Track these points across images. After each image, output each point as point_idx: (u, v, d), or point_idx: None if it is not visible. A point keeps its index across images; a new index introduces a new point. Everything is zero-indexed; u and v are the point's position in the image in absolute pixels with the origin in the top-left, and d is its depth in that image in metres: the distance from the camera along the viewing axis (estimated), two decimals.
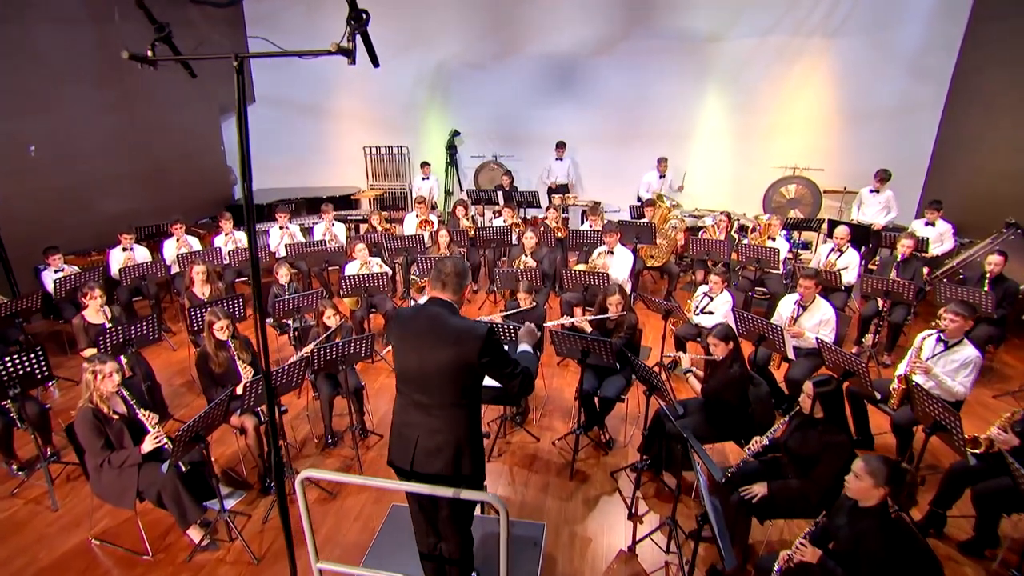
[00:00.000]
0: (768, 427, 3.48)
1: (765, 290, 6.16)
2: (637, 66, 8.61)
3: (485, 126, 9.36)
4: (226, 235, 6.81)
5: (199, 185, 8.68)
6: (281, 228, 7.00)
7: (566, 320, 4.41)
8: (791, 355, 4.17)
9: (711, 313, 4.97)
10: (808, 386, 2.91)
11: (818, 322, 4.46)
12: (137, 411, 3.13)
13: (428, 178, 9.00)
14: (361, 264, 5.75)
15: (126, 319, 4.68)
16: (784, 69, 8.27)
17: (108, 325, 4.38)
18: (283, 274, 5.52)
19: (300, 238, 7.08)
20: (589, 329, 4.23)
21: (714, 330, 3.57)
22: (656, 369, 5.01)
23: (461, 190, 9.66)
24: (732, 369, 3.53)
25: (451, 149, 9.53)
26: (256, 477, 3.87)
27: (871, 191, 7.15)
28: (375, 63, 1.80)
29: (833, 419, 2.89)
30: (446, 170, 9.58)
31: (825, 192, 8.17)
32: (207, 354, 3.77)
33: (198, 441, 3.08)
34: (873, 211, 7.17)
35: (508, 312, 4.66)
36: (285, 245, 6.67)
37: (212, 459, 3.23)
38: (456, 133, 9.50)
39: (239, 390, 3.67)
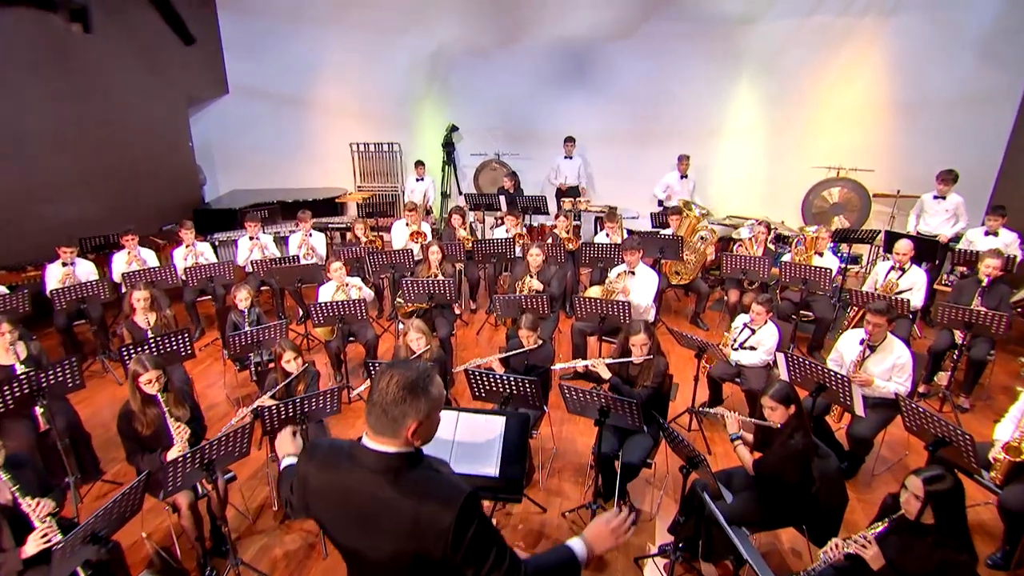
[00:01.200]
0: (837, 511, 2.89)
1: (811, 314, 5.67)
2: (658, 53, 8.27)
3: (487, 121, 9.06)
4: (187, 247, 6.26)
5: (164, 187, 8.18)
6: (251, 239, 6.49)
7: (578, 364, 3.80)
8: (860, 411, 3.55)
9: (753, 349, 4.48)
10: (916, 484, 2.41)
11: (890, 367, 3.88)
12: (20, 501, 2.50)
13: (422, 179, 8.67)
14: (338, 287, 5.21)
15: (47, 359, 4.07)
16: (828, 55, 7.81)
17: (18, 368, 3.77)
18: (243, 298, 4.97)
19: (273, 251, 6.62)
20: (607, 375, 3.70)
21: (770, 391, 2.94)
22: (688, 417, 4.46)
23: (459, 193, 9.38)
24: (793, 440, 2.93)
25: (448, 147, 9.17)
26: (195, 562, 3.28)
27: (935, 197, 6.57)
28: (186, 40, 1.15)
29: (950, 528, 2.35)
30: (443, 170, 9.24)
31: (875, 196, 7.71)
32: (131, 412, 3.18)
33: (100, 544, 2.46)
34: (938, 220, 6.60)
35: (508, 353, 4.07)
36: (253, 261, 6.09)
37: (146, 542, 2.72)
38: (454, 129, 9.17)
39: (170, 455, 3.08)
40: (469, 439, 2.76)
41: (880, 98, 7.74)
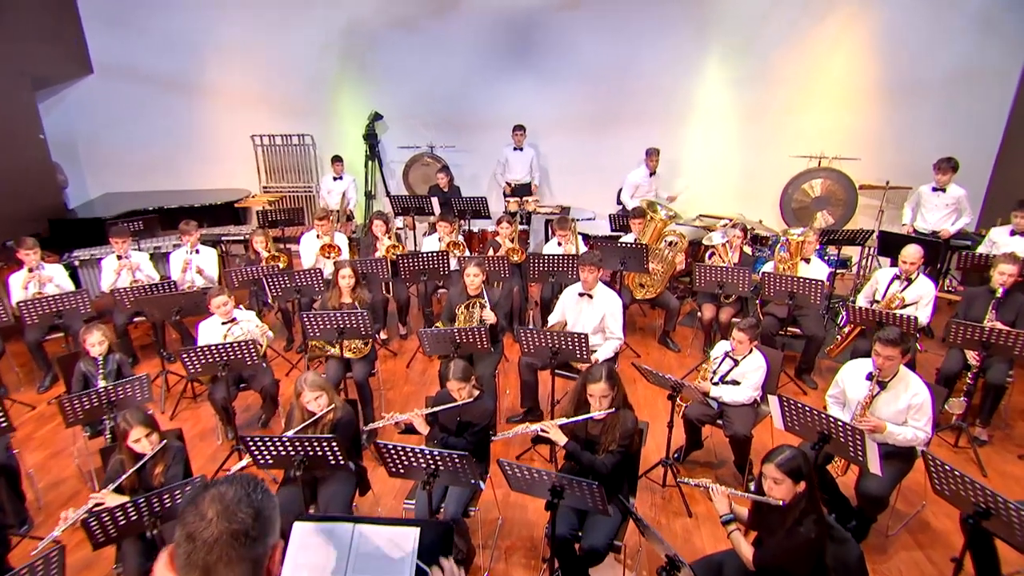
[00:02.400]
0: None
1: (799, 331, 5.43)
2: (617, 26, 8.04)
3: (416, 108, 8.73)
4: (30, 271, 5.49)
5: (9, 191, 7.21)
6: (120, 259, 5.80)
7: (526, 429, 3.30)
8: (876, 468, 3.15)
9: (736, 383, 4.15)
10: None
11: (905, 407, 3.53)
12: None
13: (341, 177, 8.23)
14: (224, 323, 4.67)
15: None
16: (809, 29, 7.66)
17: None
18: (95, 342, 4.28)
19: (149, 272, 5.95)
20: (562, 440, 3.26)
21: (777, 459, 2.57)
22: (663, 470, 4.17)
23: (387, 193, 8.94)
24: (803, 528, 2.50)
25: (371, 139, 8.77)
26: None
27: (933, 189, 6.42)
28: None
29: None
30: (366, 166, 8.88)
31: (861, 188, 7.59)
32: None
33: None
34: (937, 216, 6.43)
35: (435, 408, 3.54)
36: (118, 288, 5.37)
37: None
38: (377, 117, 8.78)
39: None
40: (371, 552, 2.20)
41: (866, 78, 7.66)
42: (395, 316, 6.52)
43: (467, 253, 6.33)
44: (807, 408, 3.38)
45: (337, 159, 8.18)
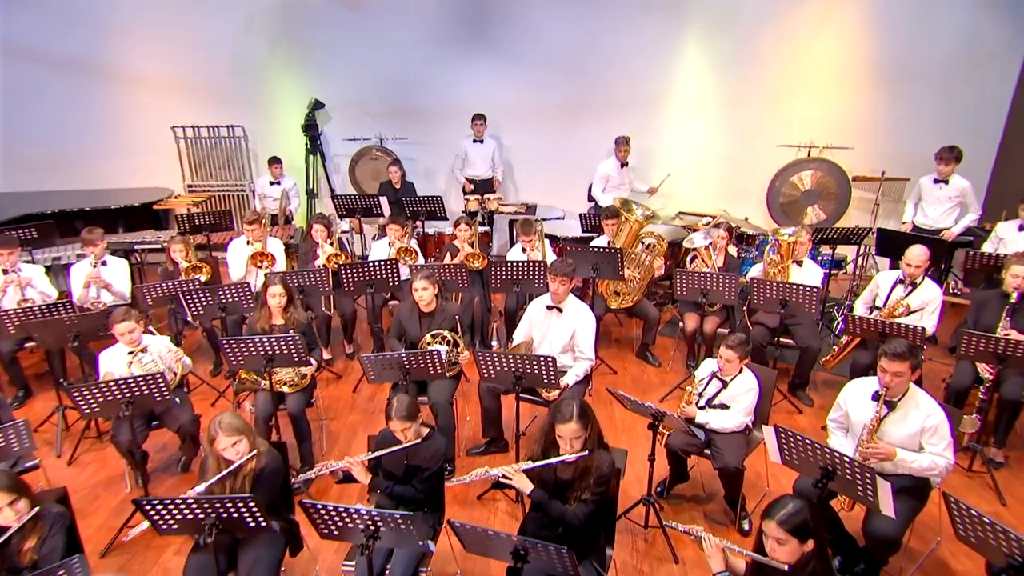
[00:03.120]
0: None
1: (791, 342, 5.36)
2: (585, 5, 7.95)
3: (362, 95, 8.60)
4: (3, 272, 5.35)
5: None
6: (6, 273, 5.42)
7: (486, 474, 3.08)
8: (889, 510, 2.98)
9: (725, 407, 4.00)
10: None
11: (918, 430, 3.37)
12: None
13: (279, 182, 7.99)
14: (131, 352, 4.34)
15: None
16: (795, 6, 7.63)
17: None
18: None
19: (45, 288, 5.60)
20: (528, 487, 3.07)
21: (779, 514, 2.39)
22: (644, 509, 4.02)
23: (332, 190, 8.75)
24: None
25: (311, 129, 8.53)
26: None
27: (935, 181, 6.39)
28: None
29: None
30: (306, 161, 8.66)
31: (854, 180, 7.62)
32: None
33: None
34: (939, 211, 6.39)
35: (378, 453, 3.29)
36: (6, 310, 5.00)
37: None
38: (318, 105, 8.55)
39: None
40: None
41: (857, 60, 7.66)
42: (340, 332, 6.30)
43: (420, 260, 6.15)
44: (807, 440, 3.19)
45: (275, 161, 7.93)
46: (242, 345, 4.09)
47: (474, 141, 8.12)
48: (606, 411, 5.09)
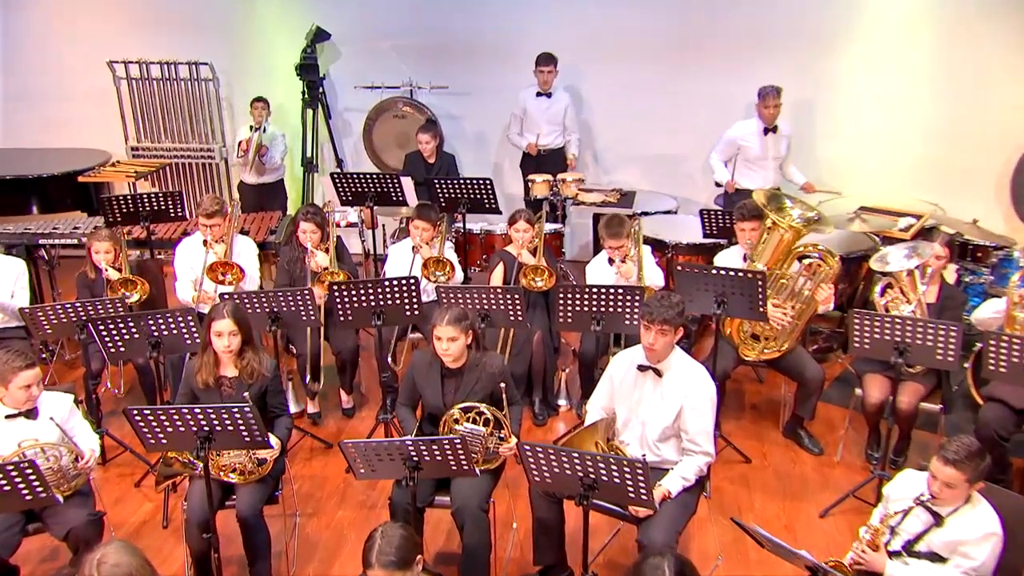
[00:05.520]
0: None
1: None
2: None
3: (387, 21, 8.77)
4: None
5: None
6: None
7: None
8: None
9: (940, 560, 3.63)
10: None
11: None
12: None
13: (262, 128, 8.19)
14: (13, 415, 4.29)
15: None
16: None
17: None
18: None
19: None
20: None
21: None
22: None
23: (338, 159, 9.03)
24: None
25: (310, 71, 8.57)
26: None
27: None
28: None
29: None
30: (302, 117, 8.80)
31: None
32: None
33: None
34: None
35: None
36: None
37: None
38: (321, 36, 8.61)
39: None
40: None
41: None
42: (334, 375, 6.25)
43: (458, 276, 6.13)
44: None
45: (260, 99, 8.14)
46: (161, 418, 3.83)
47: (538, 94, 8.09)
48: (731, 532, 4.81)
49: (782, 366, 5.76)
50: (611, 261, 5.82)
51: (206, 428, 3.86)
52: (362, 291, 5.38)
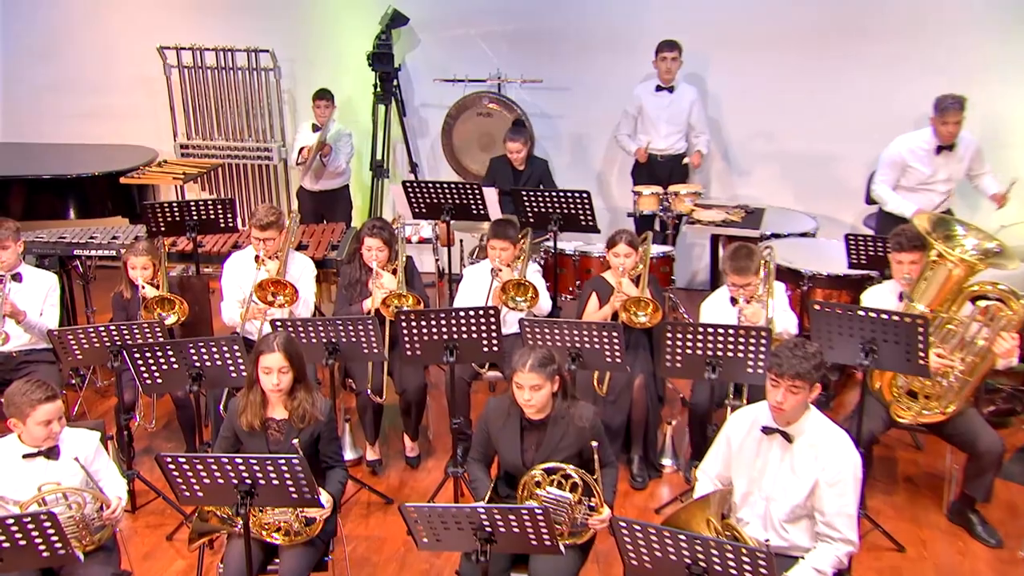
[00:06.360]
0: None
1: None
2: None
3: (470, 7, 8.92)
4: None
5: None
6: None
7: None
8: None
9: None
10: None
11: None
12: None
13: (325, 127, 8.32)
14: (32, 454, 4.36)
15: None
16: None
17: None
18: None
19: None
20: None
21: None
22: None
23: (412, 164, 9.13)
24: None
25: (384, 60, 8.66)
26: None
27: None
28: None
29: None
30: (373, 113, 8.92)
31: None
32: None
33: None
34: None
35: None
36: None
37: None
38: (398, 21, 8.73)
39: None
40: None
41: None
42: (397, 417, 6.29)
43: (544, 303, 6.14)
44: None
45: (324, 92, 8.24)
46: (198, 468, 3.88)
47: (658, 88, 8.04)
48: None
49: (948, 432, 5.57)
50: (734, 301, 5.73)
51: (248, 481, 3.90)
52: (433, 321, 5.37)
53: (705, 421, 5.58)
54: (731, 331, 5.19)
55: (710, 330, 5.20)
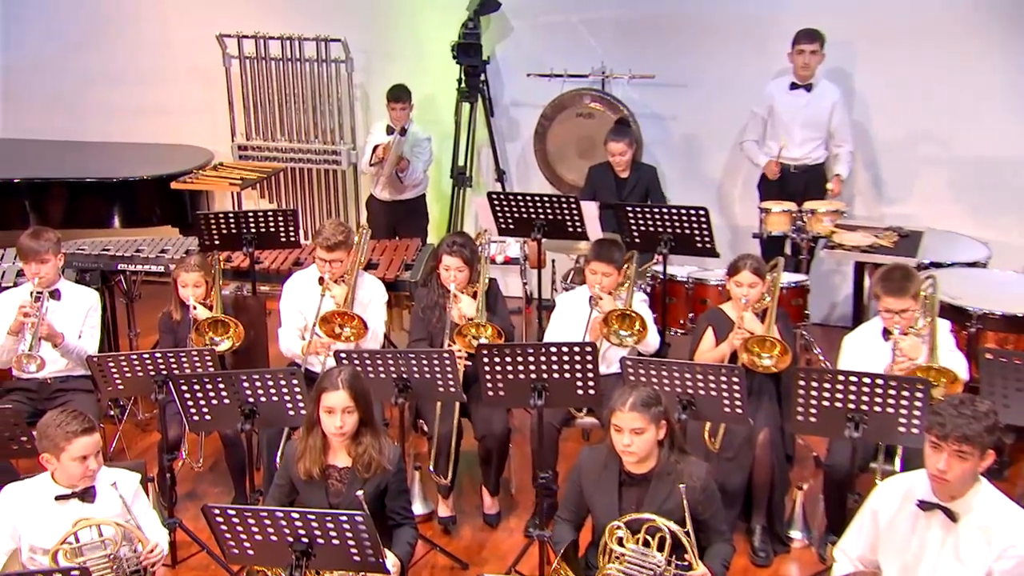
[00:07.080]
0: None
1: None
2: None
3: None
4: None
5: None
6: None
7: None
8: None
9: None
10: None
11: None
12: None
13: (402, 132, 8.38)
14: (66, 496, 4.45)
15: None
16: None
17: None
18: None
19: None
20: None
21: None
22: None
23: (500, 175, 9.22)
24: None
25: (471, 52, 8.73)
26: None
27: None
28: None
29: None
30: (456, 113, 9.06)
31: None
32: None
33: None
34: None
35: None
36: None
37: None
38: (488, 7, 8.81)
39: None
40: None
41: None
42: (474, 467, 6.32)
43: (651, 338, 6.08)
44: None
45: (400, 93, 8.32)
46: (249, 523, 3.90)
47: (793, 86, 8.01)
48: None
49: None
50: (887, 333, 5.56)
51: (305, 539, 3.93)
52: (520, 357, 5.34)
53: (845, 488, 5.33)
54: (880, 381, 5.00)
55: (853, 378, 5.02)
